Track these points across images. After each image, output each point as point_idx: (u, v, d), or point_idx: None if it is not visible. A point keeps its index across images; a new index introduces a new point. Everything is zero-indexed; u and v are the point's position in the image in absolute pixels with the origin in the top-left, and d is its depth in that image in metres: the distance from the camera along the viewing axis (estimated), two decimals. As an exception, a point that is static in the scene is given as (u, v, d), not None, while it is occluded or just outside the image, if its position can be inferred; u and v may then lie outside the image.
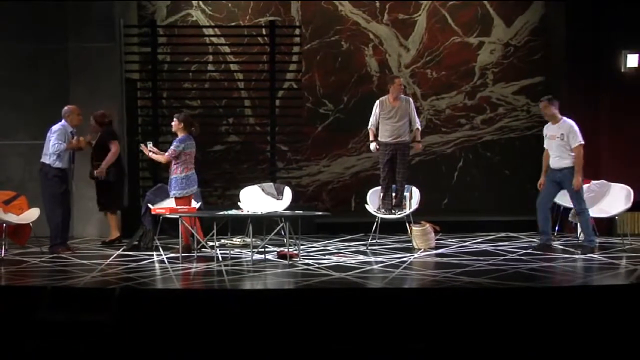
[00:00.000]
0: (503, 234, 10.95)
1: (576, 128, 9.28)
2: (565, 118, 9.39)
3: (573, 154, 9.21)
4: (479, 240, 10.49)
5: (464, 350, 6.80)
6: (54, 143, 9.42)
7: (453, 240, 10.40)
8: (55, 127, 9.53)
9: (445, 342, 6.81)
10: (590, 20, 11.27)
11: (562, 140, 9.28)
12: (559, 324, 6.91)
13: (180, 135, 9.37)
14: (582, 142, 9.22)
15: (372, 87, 12.82)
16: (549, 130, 9.46)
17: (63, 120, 9.59)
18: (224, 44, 12.80)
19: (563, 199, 10.75)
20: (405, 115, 9.98)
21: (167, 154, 9.31)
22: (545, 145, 9.49)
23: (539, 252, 9.30)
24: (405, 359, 6.75)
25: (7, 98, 11.25)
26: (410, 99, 10.18)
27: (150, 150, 9.43)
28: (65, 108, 9.72)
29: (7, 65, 11.28)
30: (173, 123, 9.48)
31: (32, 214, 9.65)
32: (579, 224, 9.76)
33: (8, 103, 11.26)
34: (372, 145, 10.12)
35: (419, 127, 10.08)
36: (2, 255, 9.26)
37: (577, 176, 9.20)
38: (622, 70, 11.12)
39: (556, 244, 10.13)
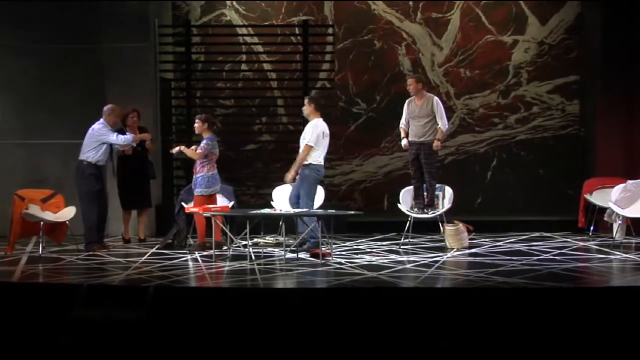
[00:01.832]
0: (537, 234, 10.87)
1: (314, 129, 9.25)
2: (316, 119, 9.35)
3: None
4: (512, 240, 10.42)
5: (497, 350, 6.76)
6: (115, 139, 9.48)
7: (486, 239, 10.35)
8: (97, 127, 9.53)
9: (477, 342, 6.79)
10: (627, 18, 11.15)
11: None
12: (594, 324, 6.85)
13: (206, 135, 9.49)
14: (311, 145, 9.22)
15: (405, 86, 12.73)
16: None
17: (101, 119, 9.64)
18: (258, 43, 12.85)
19: (597, 198, 10.67)
20: (429, 115, 9.91)
21: (199, 150, 9.44)
22: None
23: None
24: (436, 359, 6.74)
25: (43, 98, 11.39)
26: (435, 99, 10.04)
27: (181, 150, 9.54)
28: (106, 107, 9.74)
29: (43, 65, 11.41)
30: (195, 125, 9.60)
31: (68, 212, 9.74)
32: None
33: (44, 103, 11.39)
34: (404, 141, 10.12)
35: (442, 128, 9.91)
36: (40, 253, 9.39)
37: (291, 169, 9.34)
38: (659, 69, 11.00)
39: (591, 244, 10.05)
